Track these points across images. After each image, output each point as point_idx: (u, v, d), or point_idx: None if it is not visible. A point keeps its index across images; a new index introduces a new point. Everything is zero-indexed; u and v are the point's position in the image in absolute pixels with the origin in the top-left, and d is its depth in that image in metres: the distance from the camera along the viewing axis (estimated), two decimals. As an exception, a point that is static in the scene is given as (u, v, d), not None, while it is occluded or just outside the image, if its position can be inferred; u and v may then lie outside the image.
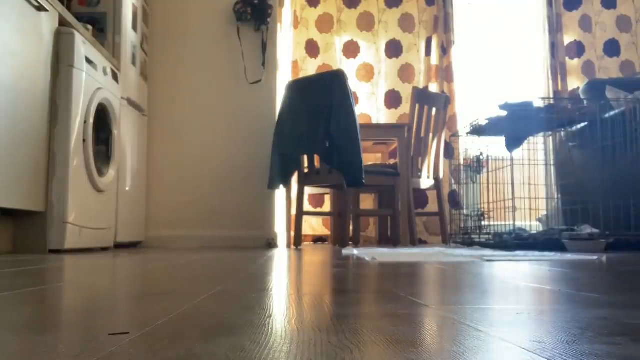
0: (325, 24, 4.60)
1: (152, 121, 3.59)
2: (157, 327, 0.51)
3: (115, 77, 2.88)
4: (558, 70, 4.73)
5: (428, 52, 4.67)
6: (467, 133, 3.60)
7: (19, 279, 1.04)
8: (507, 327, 0.54)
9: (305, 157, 3.30)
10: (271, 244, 3.47)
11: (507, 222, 3.26)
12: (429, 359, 0.40)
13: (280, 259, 1.92)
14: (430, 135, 3.75)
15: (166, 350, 0.41)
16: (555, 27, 4.78)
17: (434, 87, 4.56)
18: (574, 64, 4.78)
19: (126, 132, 3.10)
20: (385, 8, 4.69)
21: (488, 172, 3.49)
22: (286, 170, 3.36)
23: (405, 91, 4.56)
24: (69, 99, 2.33)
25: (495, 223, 3.47)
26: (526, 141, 3.32)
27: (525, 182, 3.31)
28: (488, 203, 3.46)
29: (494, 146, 3.48)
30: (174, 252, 2.55)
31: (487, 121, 3.33)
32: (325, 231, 4.38)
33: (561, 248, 2.74)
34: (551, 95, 4.65)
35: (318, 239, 4.40)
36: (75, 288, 0.91)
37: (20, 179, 2.04)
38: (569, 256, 2.13)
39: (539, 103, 3.29)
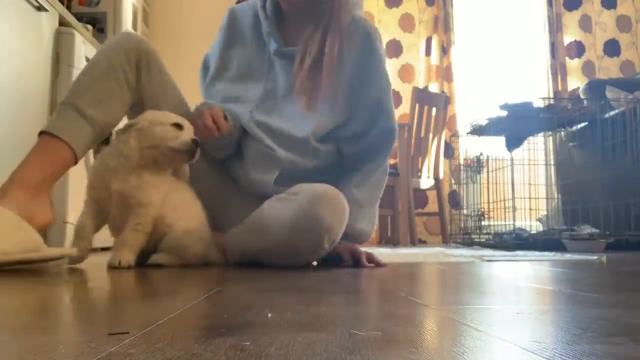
0: (325, 24, 4.59)
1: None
2: (157, 327, 0.51)
3: (115, 77, 2.88)
4: (558, 70, 4.73)
5: (428, 52, 4.67)
6: (467, 133, 3.59)
7: (19, 278, 1.04)
8: (507, 327, 0.54)
9: (305, 157, 3.29)
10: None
11: (507, 222, 3.26)
12: (429, 359, 0.40)
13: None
14: (430, 135, 3.75)
15: (166, 350, 0.41)
16: (555, 27, 4.78)
17: (434, 87, 4.56)
18: (574, 64, 4.78)
19: (126, 132, 3.10)
20: (385, 8, 4.69)
21: (488, 172, 3.49)
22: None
23: (405, 91, 4.55)
24: (69, 99, 2.33)
25: (495, 223, 3.47)
26: (526, 141, 3.32)
27: (525, 182, 3.31)
28: (488, 203, 3.46)
29: (494, 146, 3.48)
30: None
31: (487, 121, 3.33)
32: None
33: (561, 248, 2.74)
34: (551, 95, 4.65)
35: (318, 239, 4.40)
36: (76, 288, 0.91)
37: (20, 179, 2.03)
38: (569, 256, 2.13)
39: (539, 103, 3.29)
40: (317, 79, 1.43)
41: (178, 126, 1.34)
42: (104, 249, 2.73)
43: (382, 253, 2.25)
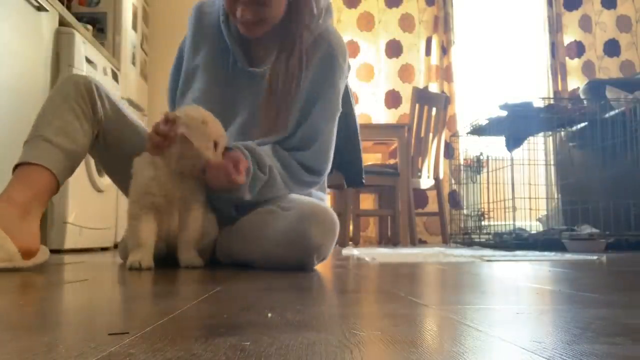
0: (325, 24, 4.59)
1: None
2: (157, 327, 0.51)
3: (115, 77, 2.88)
4: (558, 70, 4.73)
5: (428, 52, 4.67)
6: (467, 133, 3.60)
7: (20, 278, 1.04)
8: (507, 327, 0.54)
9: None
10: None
11: (507, 222, 3.26)
12: (429, 359, 0.40)
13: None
14: (430, 135, 3.75)
15: (166, 350, 0.41)
16: (555, 27, 4.78)
17: (434, 87, 4.56)
18: (574, 64, 4.78)
19: (126, 132, 3.10)
20: (385, 8, 4.69)
21: (488, 172, 3.49)
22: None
23: (405, 91, 4.56)
24: (69, 99, 2.33)
25: (495, 223, 3.47)
26: (526, 141, 3.32)
27: (525, 182, 3.31)
28: (488, 203, 3.46)
29: (494, 146, 3.48)
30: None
31: (487, 121, 3.33)
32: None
33: (561, 248, 2.74)
34: (551, 95, 4.65)
35: (318, 239, 4.39)
36: (75, 288, 0.91)
37: (20, 179, 2.03)
38: (569, 256, 2.13)
39: (539, 103, 3.29)
40: (282, 105, 1.39)
41: (215, 144, 1.33)
42: (103, 249, 2.73)
43: (382, 253, 2.26)
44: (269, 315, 0.59)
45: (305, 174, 1.44)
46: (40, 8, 2.18)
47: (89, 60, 2.49)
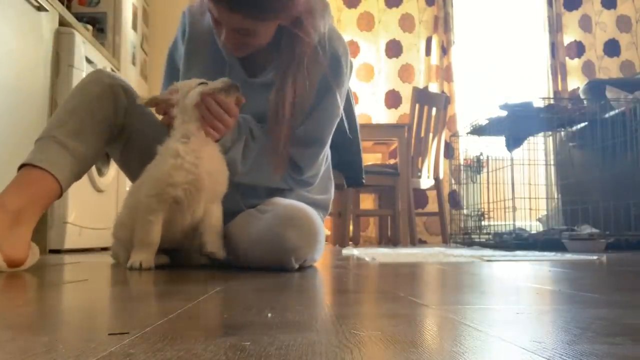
0: (325, 24, 4.59)
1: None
2: (157, 327, 0.51)
3: (115, 77, 2.88)
4: (558, 70, 4.73)
5: (428, 52, 4.67)
6: (467, 133, 3.60)
7: (19, 278, 1.04)
8: (507, 327, 0.54)
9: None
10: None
11: (507, 222, 3.26)
12: (429, 359, 0.40)
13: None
14: (430, 135, 3.75)
15: (166, 350, 0.41)
16: (555, 27, 4.78)
17: (434, 87, 4.56)
18: (574, 64, 4.78)
19: (126, 132, 3.09)
20: (385, 8, 4.69)
21: (488, 172, 3.49)
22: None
23: (405, 91, 4.56)
24: (69, 99, 2.33)
25: (495, 223, 3.47)
26: (526, 141, 3.32)
27: (525, 182, 3.31)
28: (488, 203, 3.46)
29: (494, 146, 3.48)
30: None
31: (487, 121, 3.33)
32: (325, 231, 4.38)
33: (561, 248, 2.74)
34: (551, 95, 4.65)
35: (318, 239, 4.39)
36: (75, 288, 0.91)
37: (20, 179, 2.03)
38: (569, 256, 2.13)
39: (539, 103, 3.29)
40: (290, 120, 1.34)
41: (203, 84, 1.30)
42: (103, 249, 2.73)
43: (382, 253, 2.26)
44: (269, 315, 0.59)
45: (289, 169, 1.41)
46: (40, 8, 2.18)
47: (89, 60, 2.49)
